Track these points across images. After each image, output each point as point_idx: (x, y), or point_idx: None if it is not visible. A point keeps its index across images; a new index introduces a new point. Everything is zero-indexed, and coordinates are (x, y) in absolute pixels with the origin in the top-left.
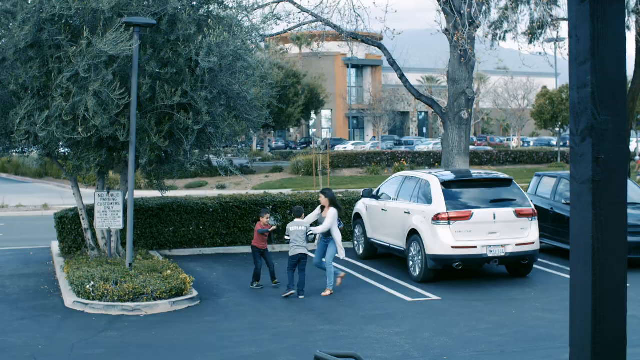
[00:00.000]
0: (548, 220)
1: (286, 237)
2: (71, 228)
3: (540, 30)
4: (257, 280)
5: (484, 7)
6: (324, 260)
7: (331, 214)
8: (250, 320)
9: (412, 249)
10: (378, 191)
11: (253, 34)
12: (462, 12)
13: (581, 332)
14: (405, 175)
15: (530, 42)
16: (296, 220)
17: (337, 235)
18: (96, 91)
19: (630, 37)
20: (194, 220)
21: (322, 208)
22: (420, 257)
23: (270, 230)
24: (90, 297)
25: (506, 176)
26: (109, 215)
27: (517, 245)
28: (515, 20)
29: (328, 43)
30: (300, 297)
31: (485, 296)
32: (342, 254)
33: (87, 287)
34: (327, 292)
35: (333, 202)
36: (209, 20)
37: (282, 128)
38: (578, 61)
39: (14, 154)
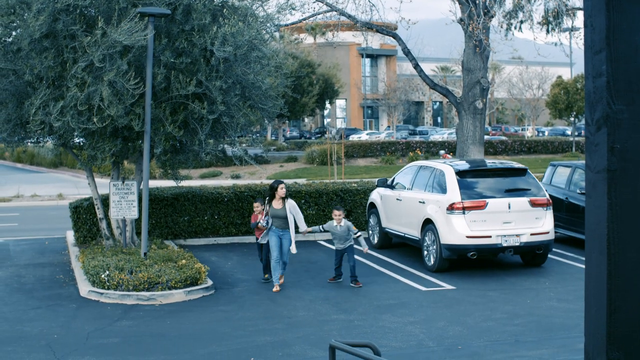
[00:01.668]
0: (563, 209)
1: (357, 234)
2: (86, 218)
3: (555, 20)
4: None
5: None
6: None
7: (293, 203)
8: (265, 309)
9: (426, 238)
10: (393, 181)
11: (268, 24)
12: (476, 1)
13: (596, 321)
14: (420, 164)
15: (547, 32)
16: None
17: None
18: (111, 81)
19: None
20: (209, 210)
21: (272, 199)
22: (434, 247)
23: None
24: (105, 286)
25: (521, 166)
26: (124, 204)
27: (531, 234)
28: (529, 10)
29: (342, 33)
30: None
31: (500, 286)
32: (294, 249)
33: (102, 276)
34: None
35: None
36: (224, 10)
37: (296, 118)
38: (593, 50)
39: (29, 144)
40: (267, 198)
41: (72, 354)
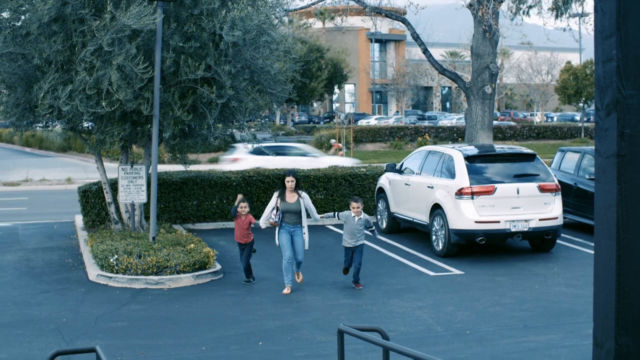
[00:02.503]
0: (571, 195)
1: (372, 228)
2: (95, 202)
3: (564, 5)
4: (250, 273)
5: None
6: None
7: (307, 198)
8: (273, 294)
9: (435, 223)
10: (401, 166)
11: (277, 9)
12: None
13: (605, 306)
14: (429, 149)
15: (557, 17)
16: None
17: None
18: (120, 65)
19: None
20: (218, 194)
21: (284, 192)
22: (443, 232)
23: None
24: (114, 270)
25: (530, 151)
26: (133, 189)
27: (540, 220)
28: None
29: (351, 17)
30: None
31: (508, 271)
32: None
33: (111, 260)
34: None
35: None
36: None
37: (305, 102)
38: (603, 35)
39: (37, 128)
40: (279, 191)
41: (81, 337)
